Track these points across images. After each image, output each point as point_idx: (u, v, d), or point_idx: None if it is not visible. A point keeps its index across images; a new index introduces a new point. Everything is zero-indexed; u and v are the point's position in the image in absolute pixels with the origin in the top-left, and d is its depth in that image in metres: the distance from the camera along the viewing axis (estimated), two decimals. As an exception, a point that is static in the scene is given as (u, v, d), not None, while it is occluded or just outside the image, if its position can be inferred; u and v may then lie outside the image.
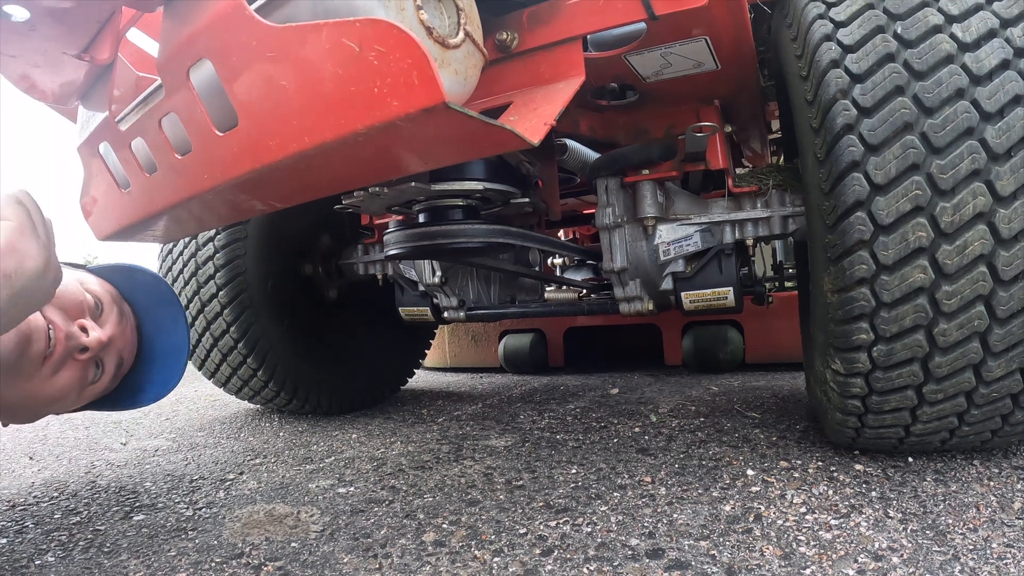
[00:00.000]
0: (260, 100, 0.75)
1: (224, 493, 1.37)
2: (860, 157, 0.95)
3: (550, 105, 0.94)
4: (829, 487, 1.15)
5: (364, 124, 0.69)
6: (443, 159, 0.88)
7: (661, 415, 1.84)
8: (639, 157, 1.43)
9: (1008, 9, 0.96)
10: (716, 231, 1.48)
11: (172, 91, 0.82)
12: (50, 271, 0.84)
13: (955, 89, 0.92)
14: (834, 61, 0.99)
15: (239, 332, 1.89)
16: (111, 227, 1.09)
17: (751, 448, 1.43)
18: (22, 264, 0.78)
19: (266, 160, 0.78)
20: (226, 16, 0.72)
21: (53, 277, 0.85)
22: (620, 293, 1.56)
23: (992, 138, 0.91)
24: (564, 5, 1.05)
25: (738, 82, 1.38)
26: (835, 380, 1.10)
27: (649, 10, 0.99)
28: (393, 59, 0.66)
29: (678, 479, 1.25)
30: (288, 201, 1.01)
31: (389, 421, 2.05)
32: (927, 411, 1.07)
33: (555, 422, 1.85)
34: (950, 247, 0.93)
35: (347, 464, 1.54)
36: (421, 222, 1.43)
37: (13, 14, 0.79)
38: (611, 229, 1.49)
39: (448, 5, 0.82)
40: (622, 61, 1.20)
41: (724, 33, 1.12)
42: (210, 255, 1.89)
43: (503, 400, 2.34)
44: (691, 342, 2.75)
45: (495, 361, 3.22)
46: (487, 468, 1.41)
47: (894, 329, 0.99)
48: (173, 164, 0.88)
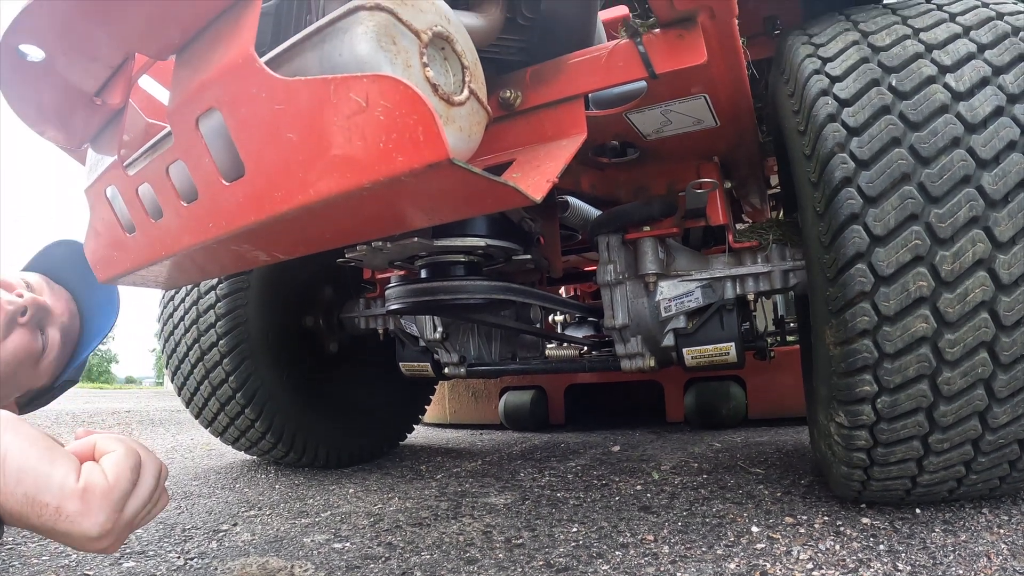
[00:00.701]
0: (267, 151, 0.76)
1: (216, 544, 1.34)
2: (859, 209, 0.96)
3: (552, 162, 0.95)
4: (836, 542, 1.13)
5: (369, 179, 0.70)
6: (446, 215, 0.89)
7: (663, 472, 1.81)
8: (640, 214, 1.44)
9: (999, 57, 0.99)
10: (717, 287, 1.49)
11: (181, 139, 0.83)
12: (103, 543, 0.65)
13: (951, 138, 0.94)
14: (831, 115, 1.01)
15: (238, 382, 1.88)
16: (115, 271, 1.09)
17: (755, 504, 1.40)
18: (79, 521, 0.61)
19: (271, 211, 0.78)
20: (236, 67, 0.74)
21: (103, 547, 0.67)
22: (621, 350, 1.55)
23: (989, 185, 0.92)
24: (566, 64, 1.07)
25: (737, 138, 1.41)
26: (839, 433, 1.09)
27: (649, 69, 1.02)
28: (399, 115, 0.67)
29: (681, 537, 1.22)
30: (292, 253, 1.01)
31: (387, 476, 2.02)
32: (934, 461, 1.06)
33: (556, 480, 1.82)
34: (951, 295, 0.93)
35: (343, 519, 1.51)
36: (423, 277, 1.43)
37: (29, 54, 0.81)
38: (612, 286, 1.50)
39: (453, 63, 0.84)
40: (623, 119, 1.23)
41: (723, 90, 1.14)
42: (211, 303, 1.89)
43: (503, 457, 2.30)
44: (693, 398, 2.73)
45: (495, 418, 3.19)
46: (486, 526, 1.38)
47: (897, 380, 0.98)
48: (179, 211, 0.89)
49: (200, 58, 0.79)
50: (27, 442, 0.61)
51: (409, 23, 0.75)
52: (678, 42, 0.99)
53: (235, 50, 0.74)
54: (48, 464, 0.61)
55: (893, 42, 1.05)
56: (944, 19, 1.07)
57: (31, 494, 0.60)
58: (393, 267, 1.50)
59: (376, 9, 0.73)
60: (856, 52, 1.06)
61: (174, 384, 2.06)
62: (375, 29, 0.73)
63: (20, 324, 1.15)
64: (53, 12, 0.75)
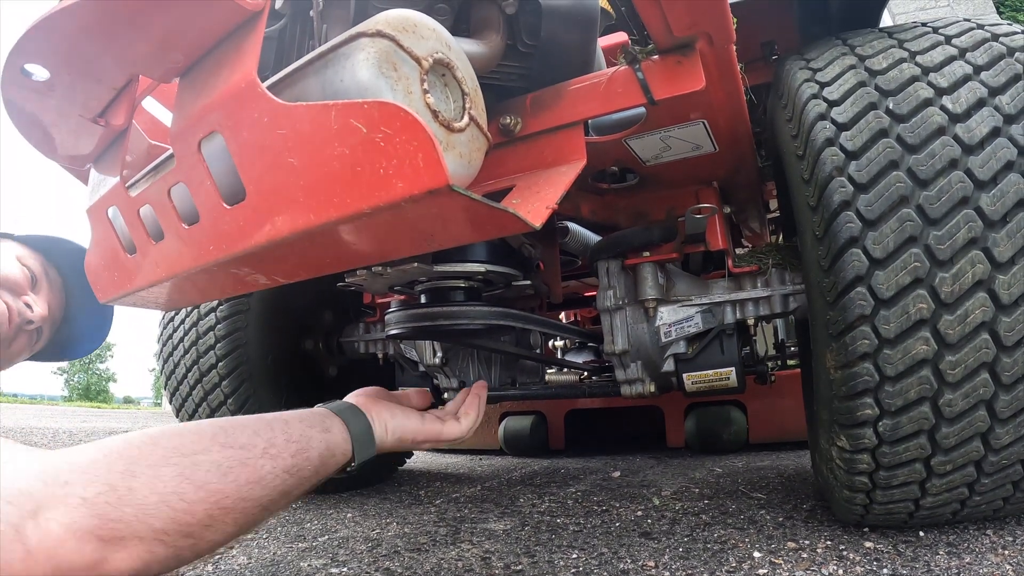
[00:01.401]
0: (268, 176, 0.76)
1: (212, 567, 1.33)
2: (858, 232, 0.97)
3: (552, 188, 0.96)
4: (839, 566, 1.12)
5: (369, 204, 0.70)
6: (446, 241, 0.89)
7: (664, 498, 1.79)
8: (640, 239, 1.45)
9: (996, 78, 1.00)
10: (717, 312, 1.48)
11: (183, 161, 0.83)
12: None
13: (948, 160, 0.94)
14: (829, 139, 1.02)
15: (236, 404, 1.87)
16: (115, 291, 1.09)
17: (757, 529, 1.39)
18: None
19: (272, 235, 0.79)
20: (239, 92, 0.75)
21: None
22: (621, 375, 1.55)
23: (987, 206, 0.92)
24: (566, 90, 1.08)
25: (736, 163, 1.41)
26: (841, 457, 1.08)
27: (648, 95, 1.02)
28: (399, 141, 0.67)
29: (683, 563, 1.21)
30: (291, 277, 1.02)
31: (386, 501, 2.00)
32: (937, 483, 1.05)
33: (555, 505, 1.80)
34: (951, 317, 0.93)
35: (341, 544, 1.49)
36: (423, 302, 1.43)
37: (34, 73, 0.81)
38: (612, 311, 1.50)
39: (454, 89, 0.84)
40: (622, 145, 1.23)
41: (721, 116, 1.15)
42: (211, 325, 1.89)
43: (503, 482, 2.29)
44: (694, 423, 2.71)
45: (495, 443, 3.17)
46: (485, 552, 1.37)
47: (899, 403, 0.98)
48: (180, 233, 0.89)
49: (204, 81, 0.80)
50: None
51: (410, 50, 0.75)
52: (676, 68, 1.00)
53: (238, 74, 0.75)
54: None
55: (890, 65, 1.06)
56: (940, 41, 1.08)
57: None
58: (393, 292, 1.50)
59: (378, 36, 0.74)
60: (853, 76, 1.07)
61: (172, 405, 2.05)
62: (376, 56, 0.74)
63: (26, 331, 1.28)
64: (59, 33, 0.76)
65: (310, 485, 0.86)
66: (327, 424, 0.90)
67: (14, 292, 1.27)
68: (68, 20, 0.74)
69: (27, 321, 1.27)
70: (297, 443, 0.83)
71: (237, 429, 0.79)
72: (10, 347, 1.26)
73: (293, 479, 0.81)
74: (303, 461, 0.83)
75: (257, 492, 0.77)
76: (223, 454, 0.75)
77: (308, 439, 0.85)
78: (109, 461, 0.67)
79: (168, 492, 0.69)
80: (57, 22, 0.74)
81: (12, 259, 1.30)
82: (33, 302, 1.29)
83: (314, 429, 0.87)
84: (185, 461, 0.72)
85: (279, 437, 0.81)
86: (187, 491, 0.70)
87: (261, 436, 0.80)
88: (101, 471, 0.66)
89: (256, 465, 0.77)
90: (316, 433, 0.87)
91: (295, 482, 0.82)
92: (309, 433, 0.86)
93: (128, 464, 0.68)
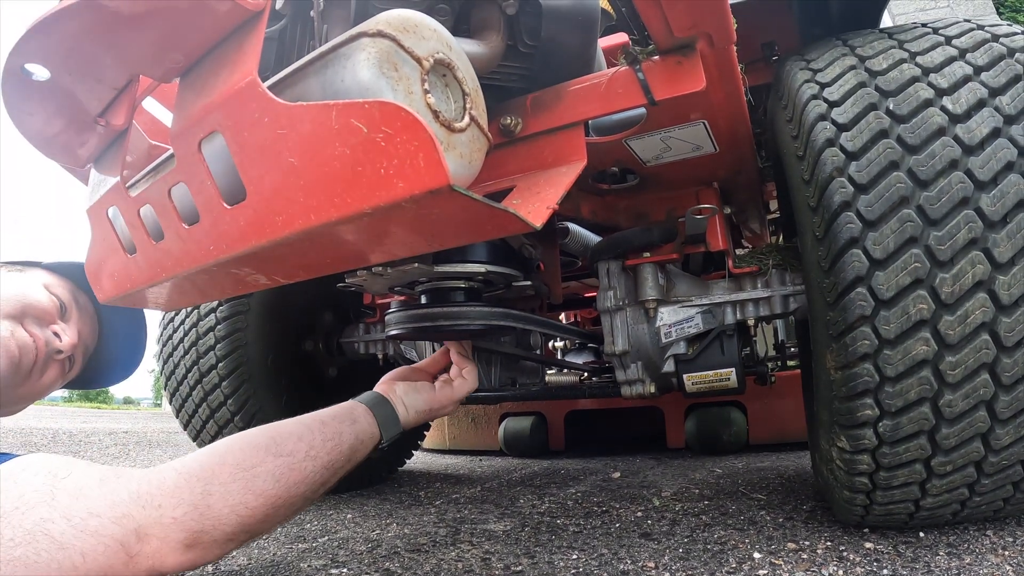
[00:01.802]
0: (269, 176, 0.76)
1: (212, 568, 1.33)
2: (858, 233, 0.97)
3: (552, 189, 0.95)
4: (839, 567, 1.11)
5: (369, 204, 0.70)
6: (446, 241, 0.89)
7: (664, 499, 1.79)
8: (640, 240, 1.45)
9: (996, 78, 1.00)
10: (717, 312, 1.48)
11: (183, 161, 0.83)
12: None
13: (948, 160, 0.94)
14: (829, 140, 1.02)
15: (236, 405, 1.87)
16: (115, 291, 1.09)
17: (757, 530, 1.38)
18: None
19: (272, 236, 0.79)
20: (240, 92, 0.74)
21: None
22: (622, 376, 1.54)
23: (987, 206, 0.92)
24: (567, 91, 1.08)
25: (736, 164, 1.41)
26: (841, 458, 1.08)
27: (649, 95, 1.02)
28: (400, 141, 0.67)
29: (683, 564, 1.21)
30: (292, 277, 1.02)
31: (385, 502, 2.00)
32: (937, 484, 1.05)
33: (555, 506, 1.80)
34: (951, 317, 0.93)
35: (341, 544, 1.49)
36: (423, 303, 1.43)
37: (34, 73, 0.81)
38: (612, 312, 1.50)
39: (455, 89, 0.84)
40: (623, 146, 1.23)
41: (722, 116, 1.15)
42: (211, 326, 1.89)
43: (502, 483, 2.29)
44: (694, 424, 2.71)
45: (495, 444, 3.17)
46: (485, 553, 1.37)
47: (899, 403, 0.98)
48: (180, 233, 0.89)
49: (204, 81, 0.80)
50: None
51: (411, 50, 0.75)
52: (677, 69, 1.00)
53: (239, 74, 0.75)
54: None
55: (890, 66, 1.06)
56: (940, 42, 1.08)
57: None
58: (393, 292, 1.50)
59: (378, 36, 0.74)
60: (854, 77, 1.07)
61: (172, 405, 2.05)
62: (377, 56, 0.74)
63: (55, 360, 1.27)
64: (59, 32, 0.76)
65: (345, 471, 1.04)
66: (354, 415, 1.08)
67: (42, 322, 1.24)
68: (68, 20, 0.74)
69: (56, 351, 1.25)
70: (332, 440, 1.01)
71: (284, 437, 0.96)
72: (41, 378, 1.24)
73: (329, 471, 1.00)
74: (338, 456, 1.01)
75: (302, 489, 0.95)
76: (276, 463, 0.92)
77: (340, 434, 1.02)
78: (190, 484, 0.84)
79: (236, 503, 0.86)
80: (57, 22, 0.74)
81: (39, 288, 1.28)
82: (62, 331, 1.27)
83: (344, 423, 1.05)
84: (247, 475, 0.88)
85: (317, 438, 0.99)
86: (250, 500, 0.87)
87: (304, 441, 0.97)
88: (185, 494, 0.83)
89: (301, 468, 0.95)
90: (346, 427, 1.04)
91: (331, 473, 1.00)
92: (340, 428, 1.03)
93: (204, 485, 0.85)
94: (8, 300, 1.19)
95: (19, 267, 1.35)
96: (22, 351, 1.17)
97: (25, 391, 1.22)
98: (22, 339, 1.18)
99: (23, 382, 1.20)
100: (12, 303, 1.19)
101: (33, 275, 1.31)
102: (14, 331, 1.17)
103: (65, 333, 1.27)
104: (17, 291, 1.22)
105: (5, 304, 1.18)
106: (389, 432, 1.13)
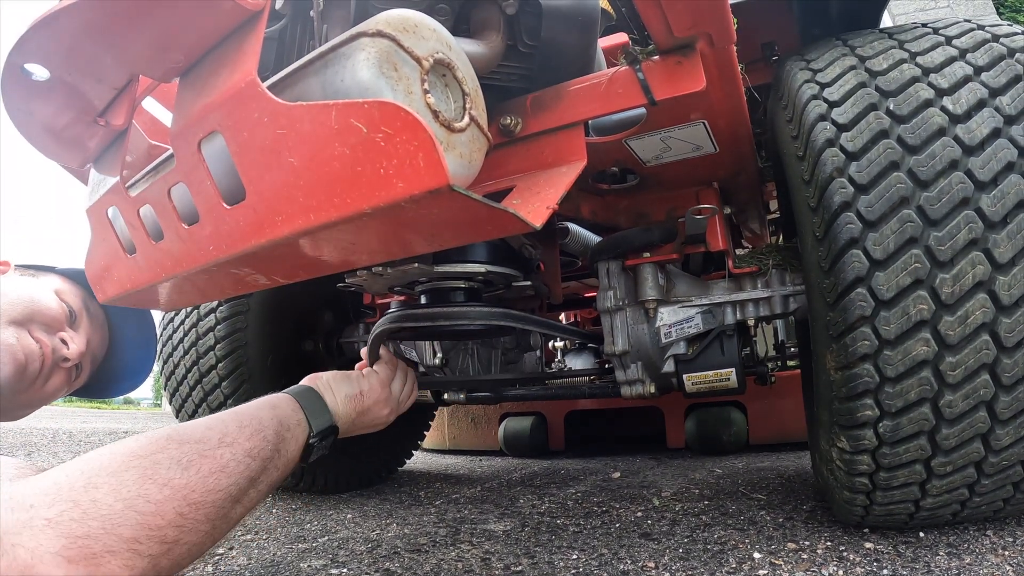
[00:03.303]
0: (268, 176, 0.76)
1: (212, 568, 1.33)
2: (858, 233, 0.97)
3: (552, 189, 0.95)
4: (839, 567, 1.11)
5: (369, 204, 0.70)
6: (446, 241, 0.89)
7: (664, 499, 1.79)
8: (640, 240, 1.44)
9: (996, 78, 1.00)
10: (717, 312, 1.48)
11: (183, 161, 0.83)
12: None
13: (949, 161, 0.94)
14: (829, 140, 1.02)
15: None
16: (114, 291, 1.09)
17: (757, 530, 1.38)
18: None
19: (271, 236, 0.79)
20: (239, 92, 0.74)
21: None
22: (621, 376, 1.54)
23: (988, 207, 0.92)
24: (566, 91, 1.08)
25: (736, 164, 1.41)
26: (841, 458, 1.08)
27: (649, 95, 1.02)
28: (400, 141, 0.67)
29: (683, 564, 1.21)
30: (291, 277, 1.02)
31: (385, 502, 2.00)
32: (937, 484, 1.05)
33: (555, 506, 1.80)
34: (951, 318, 0.93)
35: (341, 544, 1.49)
36: (423, 303, 1.43)
37: (34, 72, 0.81)
38: (612, 312, 1.49)
39: (454, 89, 0.84)
40: (623, 146, 1.23)
41: (722, 116, 1.15)
42: (211, 326, 1.89)
43: (502, 483, 2.28)
44: (694, 424, 2.71)
45: (495, 444, 3.17)
46: (485, 553, 1.37)
47: (899, 404, 0.98)
48: (180, 233, 0.89)
49: (204, 81, 0.80)
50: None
51: (411, 50, 0.75)
52: (677, 69, 1.00)
53: (238, 74, 0.75)
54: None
55: (890, 66, 1.06)
56: (940, 42, 1.08)
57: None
58: (393, 292, 1.49)
59: (378, 36, 0.74)
60: (854, 77, 1.07)
61: (172, 405, 2.05)
62: (377, 55, 0.73)
63: (62, 367, 1.25)
64: (59, 32, 0.76)
65: (279, 467, 0.90)
66: (274, 401, 0.97)
67: (50, 328, 1.23)
68: (68, 19, 0.74)
69: (63, 358, 1.23)
70: (249, 426, 0.87)
71: (189, 428, 0.81)
72: (45, 385, 1.23)
73: (256, 462, 0.84)
74: (260, 441, 0.86)
75: (224, 481, 0.78)
76: (181, 450, 0.76)
77: (259, 420, 0.89)
78: (70, 478, 0.67)
79: (133, 496, 0.68)
80: (57, 21, 0.74)
81: (50, 293, 1.26)
82: (70, 339, 1.25)
83: (263, 410, 0.93)
84: (145, 462, 0.71)
85: (231, 425, 0.85)
86: (151, 491, 0.69)
87: (214, 429, 0.83)
88: (63, 489, 0.65)
89: (215, 455, 0.79)
90: (266, 412, 0.92)
91: (259, 465, 0.85)
92: (259, 414, 0.91)
93: (89, 477, 0.67)
94: (15, 305, 1.18)
95: (33, 272, 1.34)
96: (28, 358, 1.16)
97: (29, 397, 1.21)
98: (28, 346, 1.17)
99: (27, 388, 1.19)
100: (19, 308, 1.18)
101: (46, 280, 1.30)
102: (20, 337, 1.16)
103: (73, 341, 1.25)
104: (26, 296, 1.21)
105: (12, 309, 1.17)
106: (317, 420, 1.01)
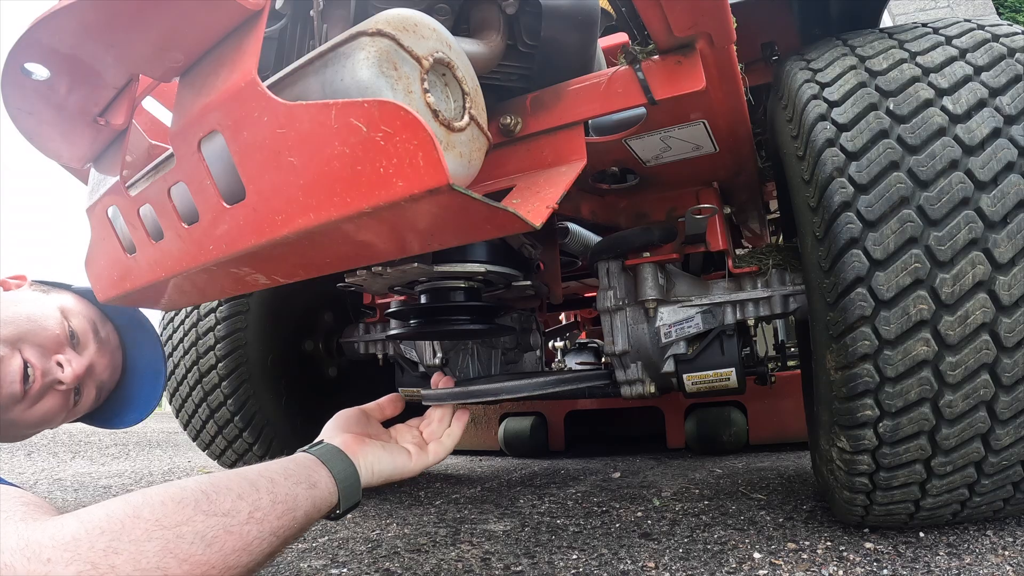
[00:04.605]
0: (268, 175, 0.76)
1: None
2: (858, 233, 0.97)
3: (552, 188, 0.95)
4: (839, 567, 1.11)
5: (369, 203, 0.70)
6: (446, 240, 0.89)
7: (664, 499, 1.79)
8: (640, 240, 1.44)
9: (996, 78, 1.00)
10: (717, 312, 1.48)
11: (183, 161, 0.83)
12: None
13: (949, 161, 0.94)
14: (829, 140, 1.02)
15: (236, 405, 1.87)
16: (114, 291, 1.09)
17: (757, 530, 1.38)
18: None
19: (271, 235, 0.79)
20: (239, 91, 0.74)
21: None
22: (622, 376, 1.54)
23: (988, 206, 0.92)
24: (566, 91, 1.08)
25: (736, 164, 1.41)
26: (841, 458, 1.08)
27: (649, 95, 1.02)
28: (399, 140, 0.67)
29: (683, 564, 1.21)
30: (291, 277, 1.02)
31: (385, 502, 2.00)
32: (937, 484, 1.05)
33: (555, 506, 1.80)
34: (952, 318, 0.93)
35: (341, 544, 1.49)
36: (423, 303, 1.43)
37: (34, 72, 0.81)
38: (612, 312, 1.49)
39: (454, 89, 0.84)
40: (622, 145, 1.23)
41: (722, 116, 1.15)
42: (211, 326, 1.89)
43: (502, 483, 2.28)
44: (694, 424, 2.71)
45: (495, 444, 3.17)
46: (485, 553, 1.37)
47: (899, 404, 0.98)
48: (180, 233, 0.89)
49: (204, 81, 0.80)
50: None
51: (411, 49, 0.75)
52: (677, 68, 1.00)
53: (238, 74, 0.75)
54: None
55: (890, 66, 1.06)
56: (940, 42, 1.08)
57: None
58: (393, 292, 1.49)
59: (378, 35, 0.74)
60: (854, 77, 1.07)
61: (172, 405, 2.05)
62: (377, 55, 0.74)
63: (56, 390, 1.19)
64: (59, 32, 0.76)
65: (294, 541, 0.85)
66: (314, 479, 0.88)
67: (44, 349, 1.16)
68: (68, 19, 0.74)
69: (56, 381, 1.16)
70: (284, 503, 0.80)
71: (221, 493, 0.75)
72: (32, 407, 1.15)
73: (279, 541, 0.79)
74: (289, 522, 0.81)
75: (244, 559, 0.74)
76: (207, 523, 0.72)
77: (294, 498, 0.82)
78: (91, 537, 0.65)
79: (152, 568, 0.66)
80: (57, 21, 0.74)
81: (53, 313, 1.20)
82: (66, 361, 1.18)
83: (300, 486, 0.84)
84: (168, 534, 0.69)
85: (264, 499, 0.78)
86: (171, 566, 0.67)
87: (246, 500, 0.77)
88: (83, 548, 0.64)
89: (242, 532, 0.74)
90: (303, 491, 0.84)
91: (280, 544, 0.80)
92: (295, 491, 0.83)
93: (110, 540, 0.66)
94: (6, 324, 1.12)
95: (44, 288, 1.28)
96: (4, 380, 1.10)
97: (12, 418, 1.15)
98: (10, 365, 1.11)
99: (8, 409, 1.13)
100: (10, 327, 1.12)
101: (54, 298, 1.25)
102: (6, 357, 1.10)
103: (70, 364, 1.19)
104: (22, 315, 1.15)
105: (3, 328, 1.11)
106: (348, 502, 0.93)
